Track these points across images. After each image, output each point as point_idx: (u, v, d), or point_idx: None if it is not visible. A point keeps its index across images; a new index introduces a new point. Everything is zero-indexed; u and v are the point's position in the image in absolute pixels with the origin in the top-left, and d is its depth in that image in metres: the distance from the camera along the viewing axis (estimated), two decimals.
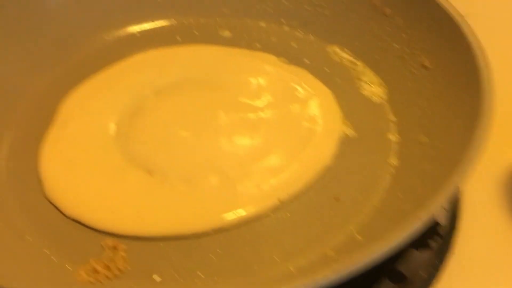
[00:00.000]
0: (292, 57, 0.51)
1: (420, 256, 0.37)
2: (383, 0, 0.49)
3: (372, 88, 0.48)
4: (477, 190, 0.43)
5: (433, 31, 0.45)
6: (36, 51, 0.49)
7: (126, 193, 0.40)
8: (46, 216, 0.39)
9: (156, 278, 0.36)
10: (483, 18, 0.56)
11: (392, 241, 0.28)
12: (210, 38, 0.54)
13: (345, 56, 0.51)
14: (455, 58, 0.42)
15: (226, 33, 0.54)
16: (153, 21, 0.55)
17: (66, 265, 0.36)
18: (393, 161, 0.42)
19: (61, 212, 0.39)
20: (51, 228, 0.39)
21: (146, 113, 0.46)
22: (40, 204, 0.40)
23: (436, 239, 0.38)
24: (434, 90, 0.43)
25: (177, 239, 0.38)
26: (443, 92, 0.42)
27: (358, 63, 0.50)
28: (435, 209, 0.29)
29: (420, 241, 0.37)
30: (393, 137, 0.44)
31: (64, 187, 0.41)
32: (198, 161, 0.42)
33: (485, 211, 0.42)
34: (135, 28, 0.55)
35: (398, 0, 0.48)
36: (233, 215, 0.39)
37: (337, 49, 0.51)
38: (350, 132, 0.44)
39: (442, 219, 0.39)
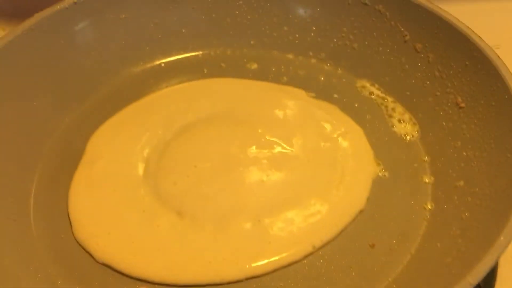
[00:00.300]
0: (321, 92, 0.51)
1: None
2: (414, 35, 0.48)
3: (404, 125, 0.47)
4: None
5: (466, 68, 0.44)
6: (64, 87, 0.49)
7: (157, 238, 0.39)
8: (77, 260, 0.39)
9: None
10: (508, 52, 0.55)
11: None
12: (237, 70, 0.54)
13: (375, 91, 0.50)
14: (490, 97, 0.41)
15: (253, 66, 0.54)
16: (179, 54, 0.55)
17: None
18: (428, 205, 0.41)
19: (92, 256, 0.39)
20: (83, 274, 0.38)
21: (174, 151, 0.45)
22: (71, 247, 0.40)
23: None
24: (469, 130, 0.42)
25: (210, 287, 0.37)
26: (479, 134, 0.41)
27: (389, 99, 0.49)
28: (485, 272, 0.28)
29: None
30: (427, 179, 0.43)
31: (94, 231, 0.40)
32: (228, 204, 0.41)
33: None
34: (161, 61, 0.54)
35: (429, 35, 0.47)
36: (266, 262, 0.38)
37: (367, 84, 0.51)
38: (382, 173, 0.44)
39: None
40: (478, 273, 0.28)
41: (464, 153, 0.42)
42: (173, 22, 0.54)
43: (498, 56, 0.41)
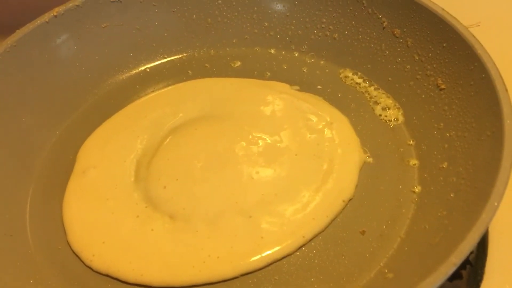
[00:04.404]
0: (305, 84, 0.51)
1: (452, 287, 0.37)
2: (392, 21, 0.49)
3: (388, 112, 0.48)
4: (506, 211, 0.42)
5: (444, 50, 0.45)
6: (51, 100, 0.50)
7: (152, 242, 0.40)
8: (77, 270, 0.40)
9: None
10: (489, 28, 0.56)
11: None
12: (221, 70, 0.54)
13: (358, 79, 0.51)
14: (468, 77, 0.42)
15: (237, 64, 0.55)
16: (163, 57, 0.56)
17: None
18: (415, 188, 0.42)
19: (89, 267, 0.40)
20: (84, 284, 0.39)
21: (163, 155, 0.46)
22: (69, 258, 0.41)
23: (466, 268, 0.38)
24: (451, 111, 0.43)
25: (206, 286, 0.38)
26: (460, 114, 0.42)
27: (372, 86, 0.50)
28: (468, 251, 0.29)
29: None
30: (412, 162, 0.43)
31: (88, 242, 0.41)
32: (219, 203, 0.42)
33: None
34: (146, 66, 0.55)
35: (406, 20, 0.48)
36: (259, 257, 0.39)
37: (349, 73, 0.51)
38: (368, 159, 0.44)
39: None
40: (461, 252, 0.29)
41: (447, 134, 0.42)
42: (155, 27, 0.55)
43: (473, 36, 0.42)
